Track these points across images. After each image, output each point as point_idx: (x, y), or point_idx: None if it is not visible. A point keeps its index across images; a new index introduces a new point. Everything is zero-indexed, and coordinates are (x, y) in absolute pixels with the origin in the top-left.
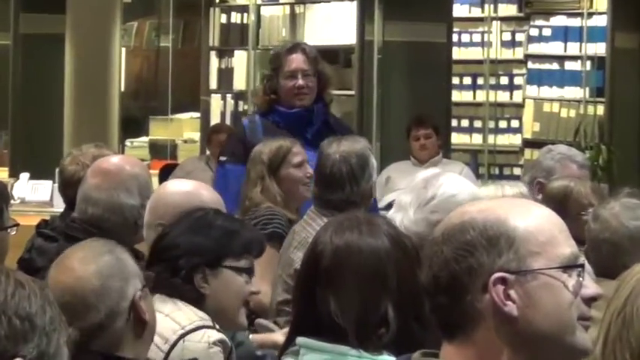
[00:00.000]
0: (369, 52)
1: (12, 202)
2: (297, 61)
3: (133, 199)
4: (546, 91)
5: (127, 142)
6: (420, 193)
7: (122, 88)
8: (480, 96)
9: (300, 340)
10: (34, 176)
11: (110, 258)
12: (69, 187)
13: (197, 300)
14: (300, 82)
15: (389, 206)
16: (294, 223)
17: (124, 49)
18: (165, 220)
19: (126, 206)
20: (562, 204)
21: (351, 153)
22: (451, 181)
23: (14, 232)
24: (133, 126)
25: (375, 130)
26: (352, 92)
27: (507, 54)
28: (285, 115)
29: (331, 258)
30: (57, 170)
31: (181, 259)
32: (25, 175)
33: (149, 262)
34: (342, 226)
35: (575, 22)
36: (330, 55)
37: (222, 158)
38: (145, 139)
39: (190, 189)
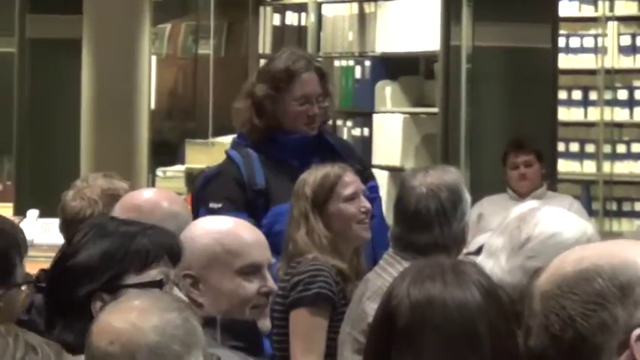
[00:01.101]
0: (456, 61)
1: None
2: (312, 83)
3: None
4: None
5: (159, 172)
6: (513, 235)
7: (152, 106)
8: (593, 114)
9: None
10: (45, 213)
11: (178, 317)
12: (72, 228)
13: None
14: (316, 110)
15: (480, 250)
16: (348, 276)
17: (154, 58)
18: (194, 271)
19: None
20: None
21: (441, 186)
22: (550, 217)
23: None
24: (166, 152)
25: (463, 156)
26: (435, 110)
27: (626, 62)
28: (287, 144)
29: (409, 315)
30: (59, 209)
31: (74, 287)
32: (33, 213)
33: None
34: (422, 275)
35: None
36: (408, 64)
37: (214, 205)
38: (180, 167)
39: (229, 227)
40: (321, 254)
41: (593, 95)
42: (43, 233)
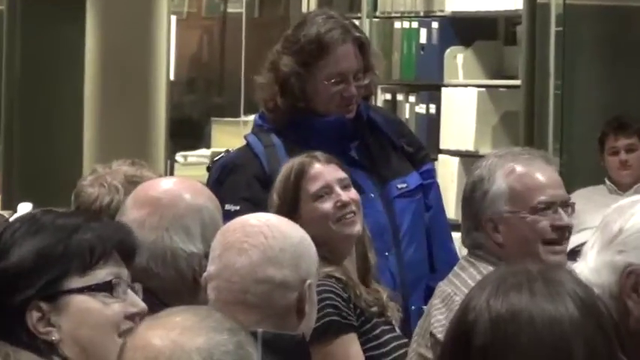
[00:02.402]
0: (543, 23)
1: None
2: (348, 58)
3: (194, 243)
4: None
5: (179, 157)
6: (605, 229)
7: (171, 77)
8: None
9: None
10: (40, 207)
11: (229, 339)
12: None
13: (45, 351)
14: (353, 90)
15: (572, 253)
16: (350, 284)
17: (173, 18)
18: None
19: (182, 255)
20: None
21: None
22: None
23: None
24: (188, 133)
25: (551, 139)
26: (517, 82)
27: None
28: (319, 129)
29: (489, 332)
30: (72, 195)
31: (4, 295)
32: (25, 206)
33: None
34: (506, 284)
35: None
36: (485, 26)
37: (232, 207)
38: (204, 152)
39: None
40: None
41: None
42: None
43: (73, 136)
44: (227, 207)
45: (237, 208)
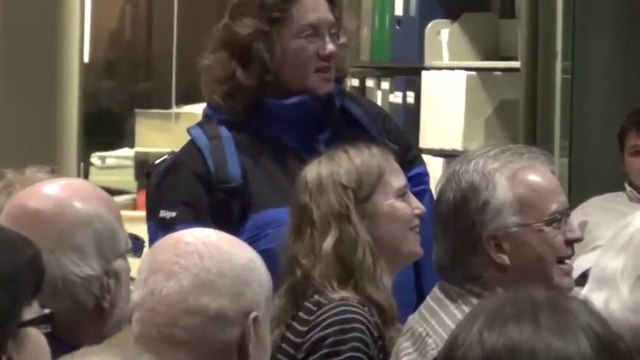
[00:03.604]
0: None
1: None
2: (319, 8)
3: (88, 264)
4: None
5: (95, 159)
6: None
7: (85, 58)
8: None
9: None
10: None
11: None
12: None
13: None
14: (330, 46)
15: (584, 276)
16: (390, 316)
17: None
18: None
19: (76, 281)
20: None
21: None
22: None
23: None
24: (106, 128)
25: (558, 135)
26: (516, 64)
27: None
28: (278, 111)
29: None
30: None
31: None
32: None
33: None
34: (504, 314)
35: None
36: None
37: (167, 214)
38: (127, 151)
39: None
40: (352, 288)
41: None
42: None
43: None
44: (162, 213)
45: (174, 214)
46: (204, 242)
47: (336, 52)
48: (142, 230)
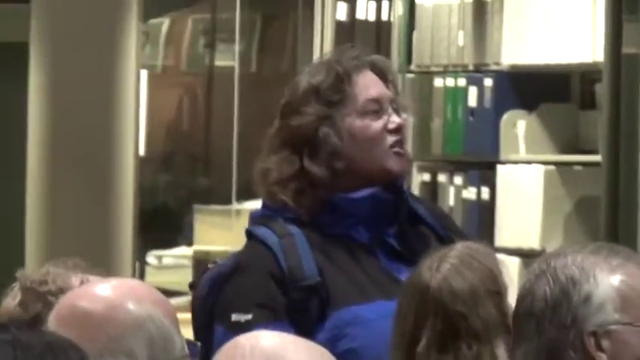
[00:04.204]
0: (631, 79)
1: None
2: (376, 84)
3: None
4: None
5: (151, 258)
6: None
7: (141, 151)
8: None
9: None
10: None
11: None
12: None
13: None
14: (397, 119)
15: None
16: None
17: (144, 73)
18: None
19: None
20: None
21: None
22: None
23: None
24: (163, 225)
25: None
26: (597, 158)
27: None
28: (351, 206)
29: None
30: None
31: None
32: None
33: None
34: None
35: None
36: (553, 84)
37: (241, 317)
38: (185, 250)
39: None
40: None
41: None
42: None
43: (13, 227)
44: (235, 317)
45: (249, 317)
46: (283, 346)
47: (404, 125)
48: None
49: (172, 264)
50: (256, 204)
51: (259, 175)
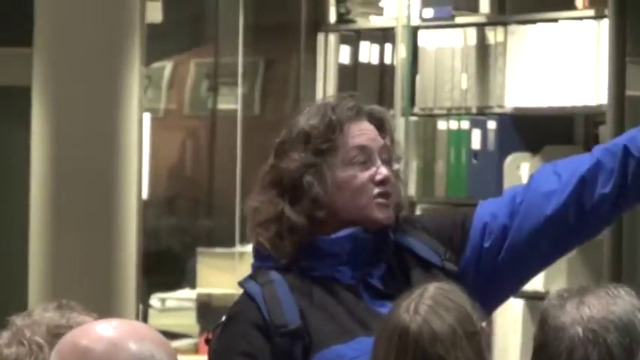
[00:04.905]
0: (635, 122)
1: None
2: (368, 133)
3: None
4: None
5: (155, 301)
6: None
7: (144, 194)
8: None
9: None
10: None
11: None
12: None
13: None
14: (384, 170)
15: None
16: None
17: (147, 116)
18: None
19: None
20: None
21: (606, 323)
22: None
23: None
24: (166, 268)
25: None
26: None
27: None
28: (332, 246)
29: None
30: None
31: None
32: None
33: None
34: None
35: None
36: (558, 127)
37: None
38: (188, 293)
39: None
40: None
41: None
42: None
43: (15, 269)
44: None
45: None
46: None
47: (392, 177)
48: None
49: (176, 307)
50: None
51: (249, 212)
